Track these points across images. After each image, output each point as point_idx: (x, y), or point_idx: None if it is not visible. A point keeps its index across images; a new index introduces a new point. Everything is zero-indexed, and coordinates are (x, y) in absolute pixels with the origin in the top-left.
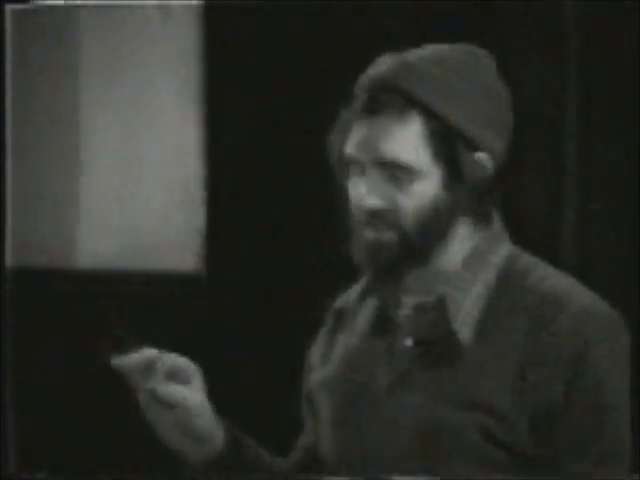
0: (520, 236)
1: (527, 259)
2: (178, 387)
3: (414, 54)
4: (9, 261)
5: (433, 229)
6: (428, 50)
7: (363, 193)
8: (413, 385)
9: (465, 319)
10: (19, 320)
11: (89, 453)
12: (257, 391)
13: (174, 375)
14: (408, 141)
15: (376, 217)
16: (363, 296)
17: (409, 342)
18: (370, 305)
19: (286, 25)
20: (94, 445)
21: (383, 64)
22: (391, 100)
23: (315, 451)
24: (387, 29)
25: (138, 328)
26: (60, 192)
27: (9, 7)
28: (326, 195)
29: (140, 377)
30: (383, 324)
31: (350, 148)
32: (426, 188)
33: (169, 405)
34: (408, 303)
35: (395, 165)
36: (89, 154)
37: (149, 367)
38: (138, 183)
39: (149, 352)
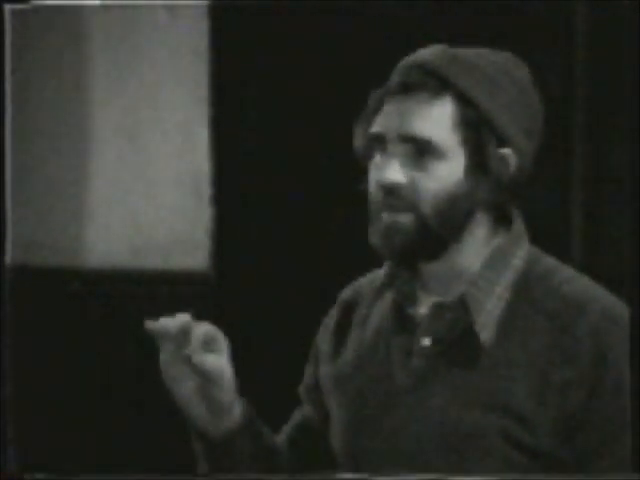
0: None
1: (548, 261)
2: (214, 356)
3: (459, 48)
4: (15, 260)
5: (450, 216)
6: (474, 49)
7: (384, 168)
8: (433, 386)
9: (486, 320)
10: (20, 319)
11: (89, 453)
12: (266, 390)
13: (207, 344)
14: (438, 121)
15: (393, 194)
16: (380, 292)
17: (427, 341)
18: (387, 302)
19: (293, 24)
20: (94, 445)
21: (426, 50)
22: (426, 81)
23: (306, 428)
24: (389, 30)
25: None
26: (68, 191)
27: (9, 7)
28: (336, 193)
29: (173, 342)
30: (401, 322)
31: (377, 126)
32: (448, 171)
33: (203, 374)
34: (427, 301)
35: (422, 142)
36: (97, 153)
37: (184, 333)
38: (146, 182)
39: (184, 318)
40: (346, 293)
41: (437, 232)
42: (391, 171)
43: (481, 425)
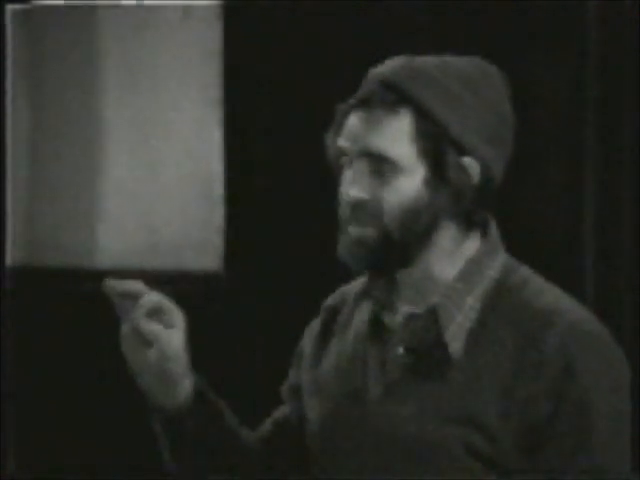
0: (539, 237)
1: (522, 272)
2: (158, 326)
3: (422, 59)
4: (27, 260)
5: (413, 227)
6: (438, 58)
7: (348, 184)
8: (402, 396)
9: (456, 332)
10: (30, 319)
11: (88, 454)
12: (276, 389)
13: (157, 314)
14: (396, 135)
15: (358, 209)
16: (359, 300)
17: (400, 351)
18: (365, 310)
19: (306, 24)
20: (93, 446)
21: (388, 63)
22: (385, 95)
23: (285, 426)
24: (402, 29)
25: None
26: (80, 192)
27: (9, 7)
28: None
29: (125, 306)
30: (377, 330)
31: (342, 140)
32: (409, 184)
33: (147, 341)
34: (402, 311)
35: (380, 157)
36: (108, 153)
37: (135, 299)
38: (157, 182)
39: (138, 285)
40: (332, 299)
41: (401, 243)
42: (354, 188)
43: (444, 436)
